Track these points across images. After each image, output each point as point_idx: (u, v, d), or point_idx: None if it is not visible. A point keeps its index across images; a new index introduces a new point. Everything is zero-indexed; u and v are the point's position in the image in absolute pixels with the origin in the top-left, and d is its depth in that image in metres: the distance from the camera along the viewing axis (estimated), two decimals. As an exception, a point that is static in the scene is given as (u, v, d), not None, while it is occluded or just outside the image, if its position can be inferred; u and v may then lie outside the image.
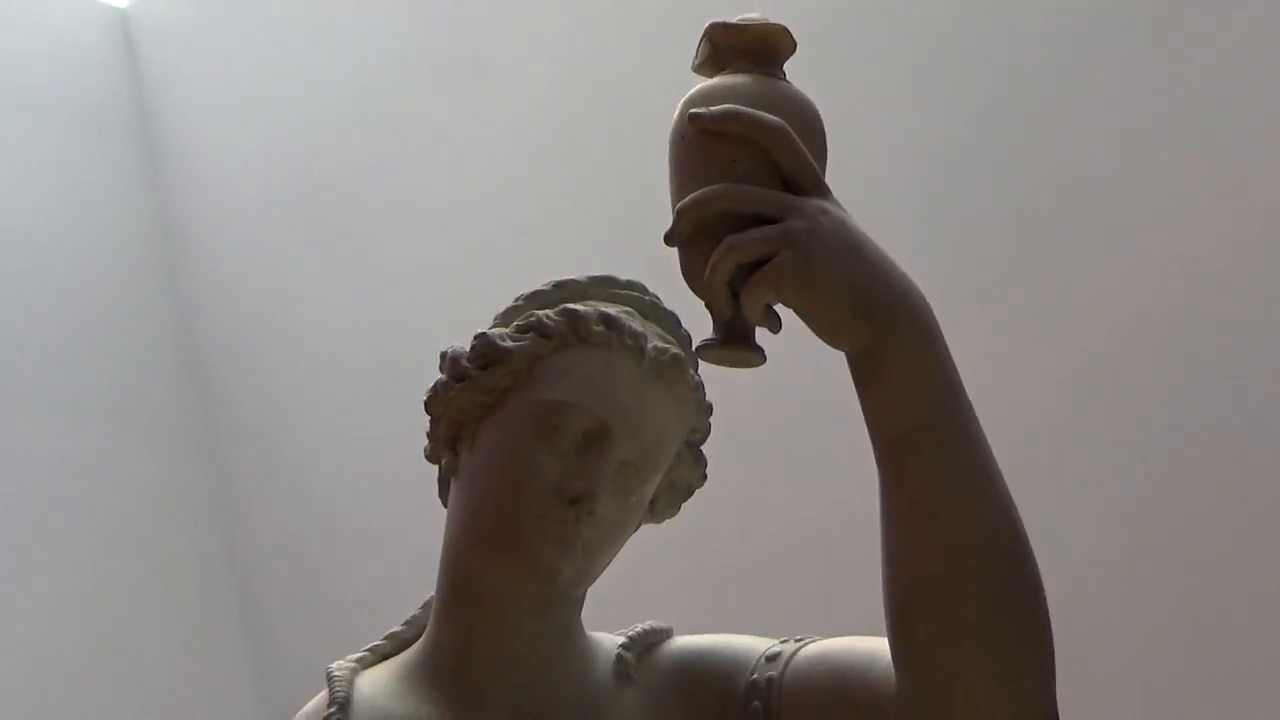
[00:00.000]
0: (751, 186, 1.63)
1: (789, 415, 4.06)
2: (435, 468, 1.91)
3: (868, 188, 3.82)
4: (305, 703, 1.90)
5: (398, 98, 5.47)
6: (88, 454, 5.77)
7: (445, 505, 1.94)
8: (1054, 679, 1.68)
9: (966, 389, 1.81)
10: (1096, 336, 3.78)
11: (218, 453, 6.01)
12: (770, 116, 1.64)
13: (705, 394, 1.95)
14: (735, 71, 1.72)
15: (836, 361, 3.72)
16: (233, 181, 6.05)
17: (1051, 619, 1.70)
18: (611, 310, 1.90)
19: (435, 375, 1.68)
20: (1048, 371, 3.82)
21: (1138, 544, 3.67)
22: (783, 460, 4.18)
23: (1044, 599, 1.67)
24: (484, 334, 1.91)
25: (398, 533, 4.94)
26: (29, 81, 6.23)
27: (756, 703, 1.82)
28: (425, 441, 1.95)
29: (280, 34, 5.88)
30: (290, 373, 5.77)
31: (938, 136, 4.09)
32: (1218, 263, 3.59)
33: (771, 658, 1.85)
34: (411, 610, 2.04)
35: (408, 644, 1.99)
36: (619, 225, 3.92)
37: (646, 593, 3.86)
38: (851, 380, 1.69)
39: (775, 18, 1.70)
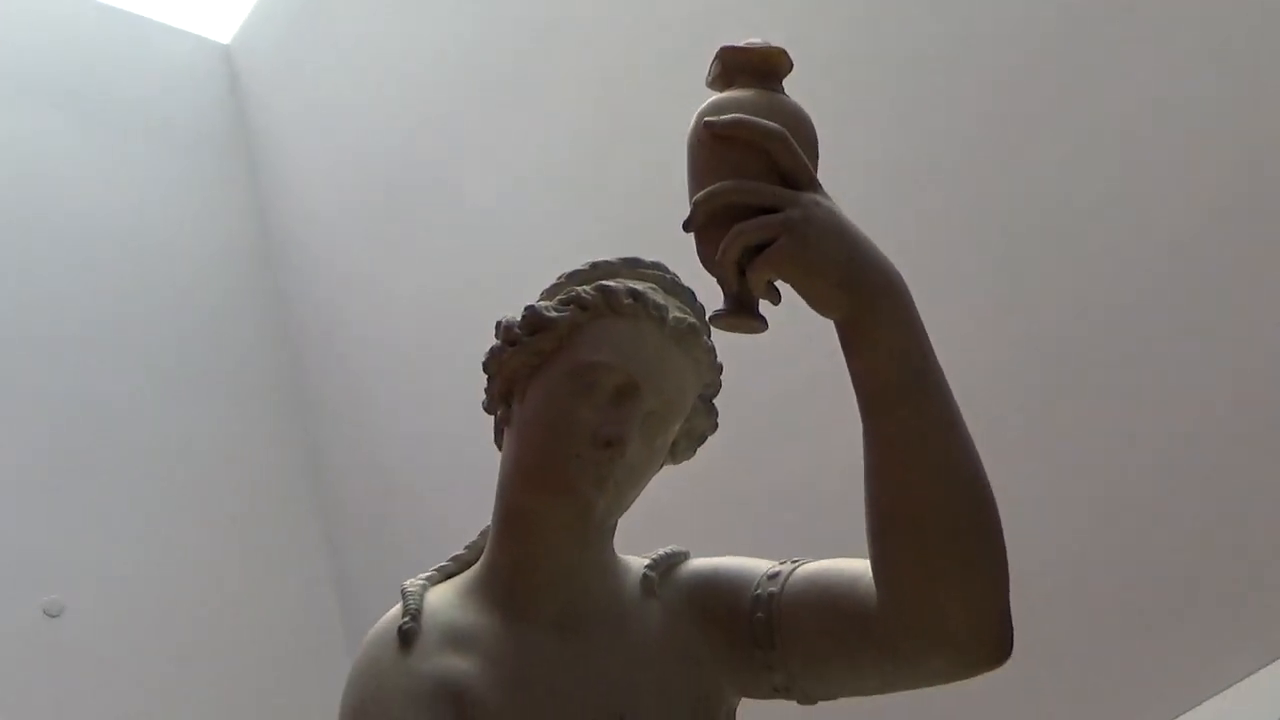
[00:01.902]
0: (755, 182, 1.64)
1: (789, 375, 4.06)
2: (492, 418, 1.91)
3: (852, 186, 3.81)
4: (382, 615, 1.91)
5: (457, 117, 5.47)
6: (199, 411, 5.79)
7: (500, 449, 1.94)
8: (1008, 591, 1.68)
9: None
10: (1041, 315, 3.78)
11: (308, 407, 6.02)
12: (771, 123, 1.65)
13: (717, 355, 1.95)
14: (742, 86, 1.72)
15: (827, 330, 3.71)
16: (320, 186, 6.06)
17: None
18: (638, 286, 1.90)
19: (491, 341, 1.68)
20: (1002, 341, 3.82)
21: (1075, 484, 3.67)
22: (783, 414, 4.18)
23: (999, 526, 1.67)
24: (532, 306, 1.92)
25: (460, 473, 4.95)
26: (148, 109, 6.24)
27: (760, 614, 1.83)
28: (483, 396, 1.94)
29: (359, 65, 5.88)
30: (369, 341, 5.79)
31: (911, 142, 4.09)
32: (1150, 259, 3.59)
33: (772, 576, 1.85)
34: (472, 537, 2.03)
35: (468, 565, 1.99)
36: (644, 217, 3.92)
37: (668, 523, 3.87)
38: (840, 345, 1.68)
39: (775, 42, 1.70)
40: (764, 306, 2.00)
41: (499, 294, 5.01)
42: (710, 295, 1.70)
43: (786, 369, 4.03)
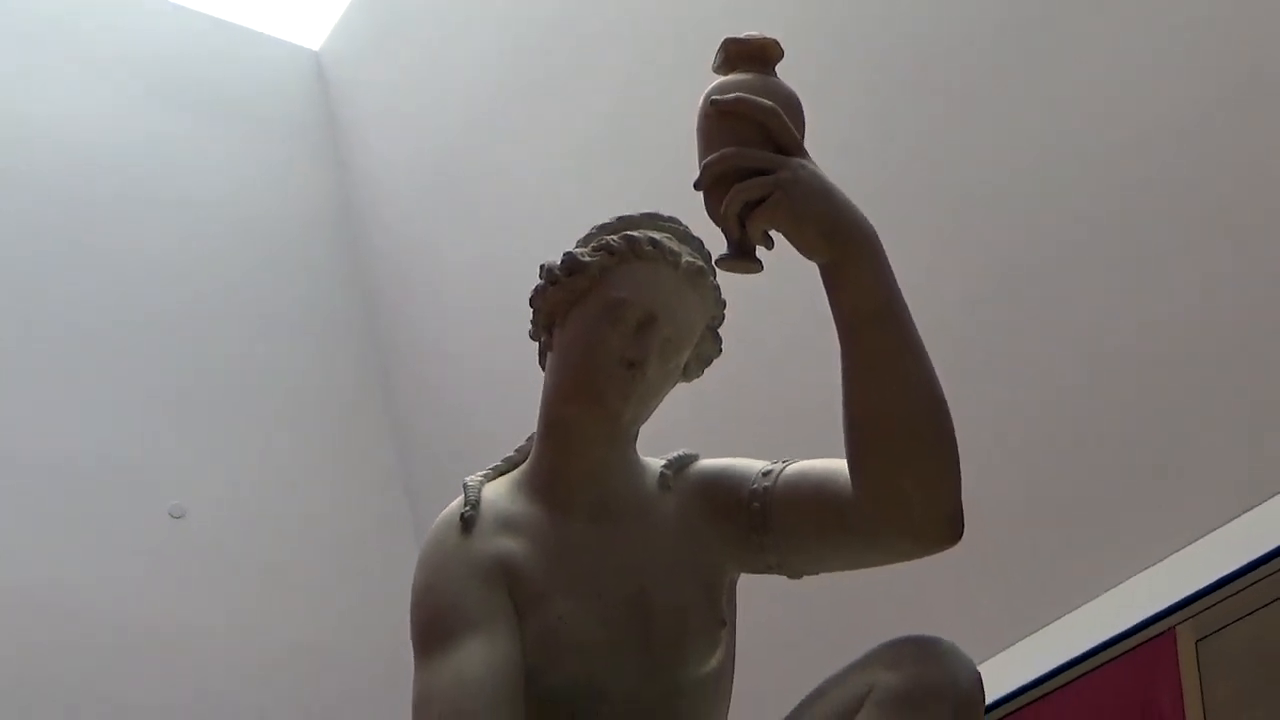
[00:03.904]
0: (753, 149, 1.64)
1: (782, 314, 4.05)
2: (535, 345, 1.91)
3: (834, 154, 3.80)
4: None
5: (507, 110, 5.46)
6: (295, 352, 5.82)
7: (543, 370, 1.95)
8: (960, 483, 1.69)
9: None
10: (994, 254, 3.77)
11: (382, 349, 6.03)
12: (767, 101, 1.66)
13: (721, 293, 1.95)
14: (742, 71, 1.72)
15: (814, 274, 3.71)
16: (393, 169, 6.05)
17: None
18: (657, 235, 1.90)
19: (536, 281, 1.71)
20: (959, 274, 3.81)
21: (1020, 394, 3.67)
22: (775, 346, 4.18)
23: (953, 430, 1.68)
24: (569, 252, 1.92)
25: (506, 395, 4.95)
26: (251, 106, 6.22)
27: (756, 504, 1.83)
28: (529, 326, 1.96)
29: (427, 68, 5.87)
30: (433, 294, 5.80)
31: (883, 113, 4.07)
32: (1088, 204, 3.57)
33: (766, 473, 1.86)
34: (519, 442, 2.03)
35: (517, 465, 1.99)
36: (664, 181, 3.90)
37: (681, 432, 3.88)
38: (822, 285, 1.69)
39: (769, 33, 1.71)
40: (760, 252, 1.99)
41: (541, 255, 5.02)
42: (715, 243, 1.70)
43: (781, 307, 4.02)
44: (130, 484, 5.16)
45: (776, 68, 1.75)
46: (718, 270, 1.81)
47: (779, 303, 3.91)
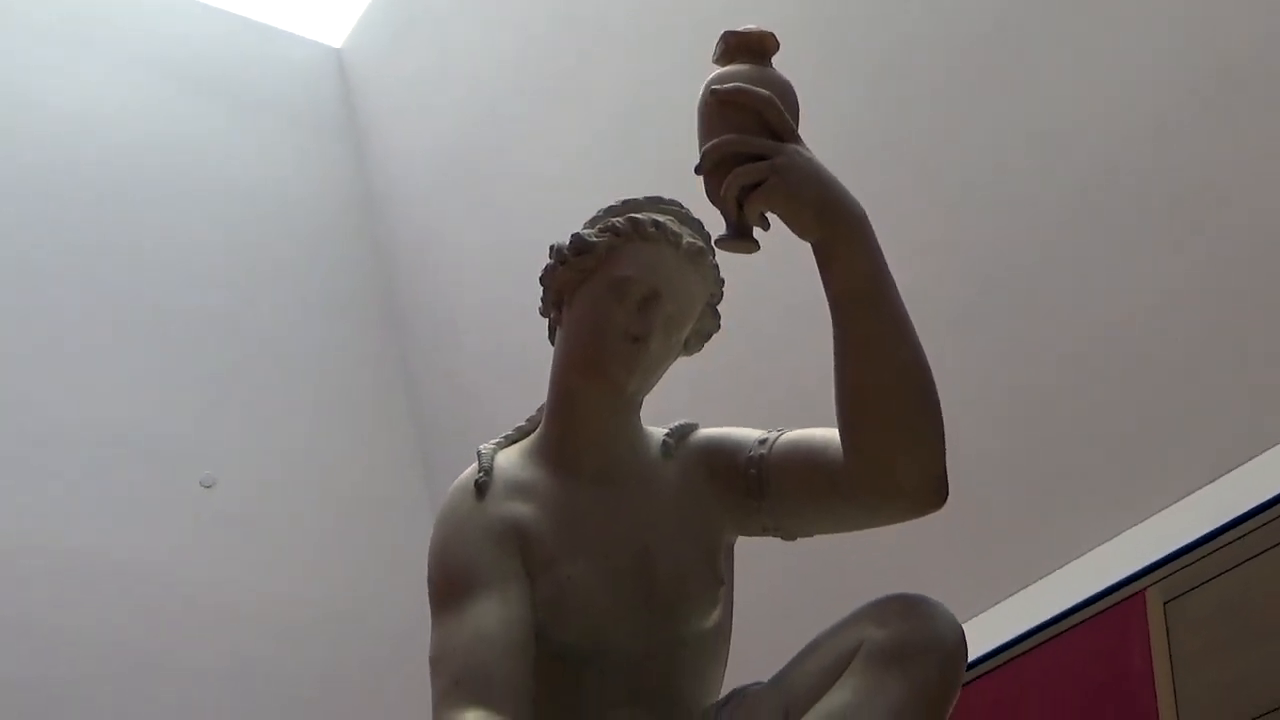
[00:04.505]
0: (751, 136, 1.64)
1: (782, 292, 4.05)
2: (545, 321, 1.92)
3: (826, 140, 3.80)
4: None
5: (522, 103, 5.45)
6: (317, 332, 5.82)
7: (552, 344, 1.95)
8: (944, 451, 1.69)
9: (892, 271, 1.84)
10: (982, 239, 3.76)
11: (401, 330, 6.03)
12: (764, 91, 1.66)
13: (719, 272, 1.95)
14: (740, 62, 1.72)
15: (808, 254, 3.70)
16: (412, 159, 6.04)
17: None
18: (660, 217, 1.90)
19: (546, 262, 1.72)
20: (944, 262, 3.80)
21: (1001, 369, 3.66)
22: (771, 324, 4.18)
23: (938, 402, 1.68)
24: (578, 234, 1.92)
25: (521, 364, 4.96)
26: (277, 100, 6.20)
27: (753, 470, 1.84)
28: (539, 304, 1.97)
29: (445, 63, 5.85)
30: (449, 280, 5.80)
31: (875, 103, 4.05)
32: (1063, 200, 3.56)
33: (762, 441, 1.86)
34: (530, 412, 2.03)
35: (528, 434, 1.99)
36: (669, 172, 3.91)
37: (679, 408, 3.88)
38: (815, 264, 1.69)
39: (766, 26, 1.72)
40: (756, 232, 1.99)
41: (551, 230, 5.00)
42: (715, 224, 1.71)
43: (777, 287, 4.01)
44: (163, 455, 5.18)
45: (773, 58, 1.75)
46: (717, 250, 1.81)
47: (775, 282, 3.91)
